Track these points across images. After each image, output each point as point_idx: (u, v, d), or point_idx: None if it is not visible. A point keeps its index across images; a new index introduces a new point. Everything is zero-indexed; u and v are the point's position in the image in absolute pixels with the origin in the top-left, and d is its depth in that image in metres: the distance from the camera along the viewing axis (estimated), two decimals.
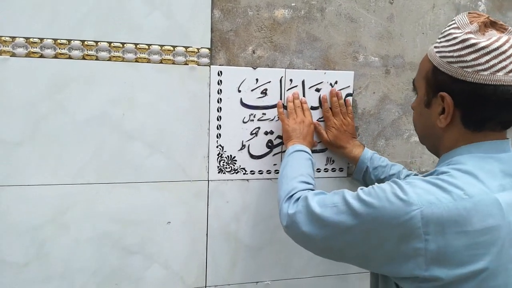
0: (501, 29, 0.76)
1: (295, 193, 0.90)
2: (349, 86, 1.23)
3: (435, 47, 0.80)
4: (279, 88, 1.18)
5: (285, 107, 1.19)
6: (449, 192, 0.70)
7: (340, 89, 1.22)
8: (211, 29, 1.12)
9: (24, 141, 1.04)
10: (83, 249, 1.13)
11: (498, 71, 0.71)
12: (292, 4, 1.17)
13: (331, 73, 1.21)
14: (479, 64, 0.72)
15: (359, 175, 1.20)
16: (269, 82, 1.17)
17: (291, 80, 1.19)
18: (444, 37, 0.78)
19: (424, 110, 0.83)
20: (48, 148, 1.06)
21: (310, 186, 0.95)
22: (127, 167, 1.12)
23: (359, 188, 0.79)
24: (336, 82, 1.21)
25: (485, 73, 0.71)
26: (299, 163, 1.02)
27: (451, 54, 0.75)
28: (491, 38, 0.72)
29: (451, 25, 0.78)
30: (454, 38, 0.75)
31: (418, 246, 0.69)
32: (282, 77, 1.18)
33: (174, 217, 1.17)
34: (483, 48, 0.71)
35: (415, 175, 0.84)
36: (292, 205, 0.87)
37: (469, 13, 0.78)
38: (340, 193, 0.80)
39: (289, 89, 1.19)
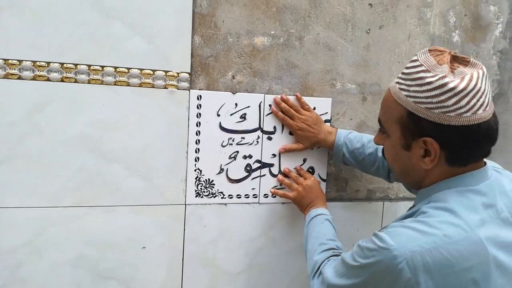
0: (464, 62, 0.76)
1: (318, 269, 0.94)
2: (327, 113, 1.25)
3: (401, 89, 0.78)
4: (258, 113, 1.20)
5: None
6: (429, 235, 0.71)
7: (319, 115, 1.23)
8: (192, 54, 1.14)
9: (0, 162, 1.03)
10: (58, 273, 1.11)
11: (478, 109, 0.72)
12: (272, 32, 1.19)
13: (309, 99, 1.23)
14: (461, 107, 0.71)
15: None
16: (248, 107, 1.19)
17: (270, 106, 1.20)
18: (413, 80, 0.76)
19: (402, 152, 0.82)
20: (25, 170, 1.05)
21: (331, 253, 0.97)
22: (105, 190, 1.11)
23: (355, 247, 0.80)
24: (314, 108, 1.23)
25: (468, 114, 0.72)
26: (317, 230, 1.05)
27: (429, 100, 0.73)
28: (464, 77, 0.72)
29: (417, 66, 0.76)
30: (428, 83, 0.73)
31: None
32: (261, 102, 1.20)
33: (150, 241, 1.16)
34: (461, 91, 0.71)
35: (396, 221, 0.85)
36: (316, 281, 0.91)
37: (429, 50, 0.77)
38: (343, 259, 0.82)
39: (267, 114, 1.20)
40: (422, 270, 0.69)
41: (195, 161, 1.17)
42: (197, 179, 1.17)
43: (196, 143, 1.16)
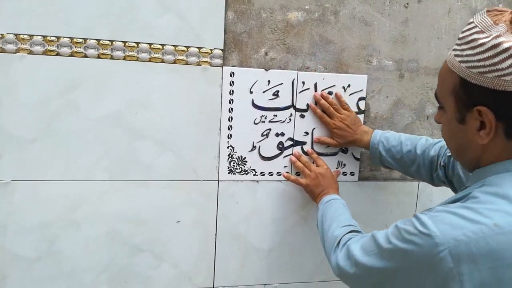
0: None
1: (339, 242, 0.90)
2: (362, 90, 1.22)
3: (456, 55, 0.71)
4: (291, 90, 1.18)
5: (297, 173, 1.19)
6: (478, 223, 0.64)
7: (353, 93, 1.21)
8: (225, 30, 1.12)
9: (37, 137, 1.06)
10: (93, 246, 1.14)
11: None
12: (306, 7, 1.17)
13: (344, 76, 1.20)
14: None
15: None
16: (281, 84, 1.17)
17: (303, 83, 1.18)
18: (466, 43, 0.69)
19: (457, 127, 0.75)
20: (61, 145, 1.08)
21: (350, 228, 0.94)
22: (138, 166, 1.13)
23: (391, 227, 0.75)
24: (349, 86, 1.21)
25: None
26: (333, 211, 1.03)
27: (482, 63, 0.66)
28: None
29: (471, 28, 0.69)
30: (481, 44, 0.66)
31: (455, 287, 0.65)
32: (294, 79, 1.18)
33: (183, 216, 1.18)
34: None
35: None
36: (339, 254, 0.87)
37: (488, 11, 0.69)
38: (375, 238, 0.78)
39: (301, 92, 1.18)
40: (466, 260, 0.63)
41: (228, 138, 1.17)
42: (230, 156, 1.18)
43: (229, 120, 1.16)
